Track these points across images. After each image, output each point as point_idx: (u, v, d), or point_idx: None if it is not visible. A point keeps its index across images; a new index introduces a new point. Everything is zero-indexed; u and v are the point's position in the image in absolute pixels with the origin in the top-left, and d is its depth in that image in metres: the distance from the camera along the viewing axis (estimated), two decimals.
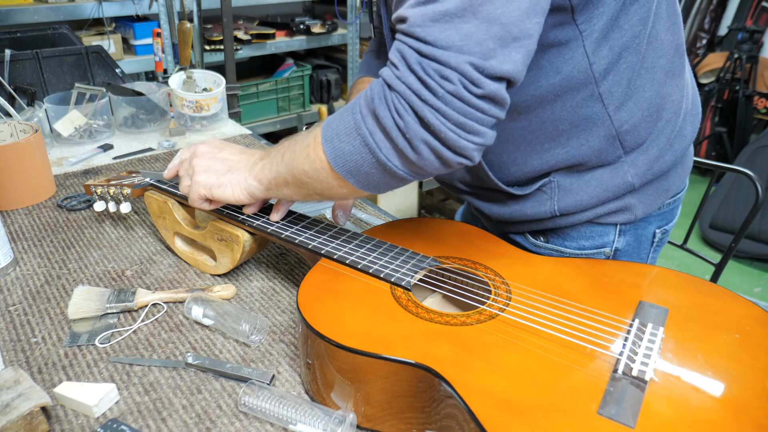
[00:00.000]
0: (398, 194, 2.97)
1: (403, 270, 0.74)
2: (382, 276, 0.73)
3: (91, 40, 2.40)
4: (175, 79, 1.58)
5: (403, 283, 0.71)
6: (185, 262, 0.98)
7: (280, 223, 0.86)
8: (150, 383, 0.72)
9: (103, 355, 0.77)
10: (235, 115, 1.85)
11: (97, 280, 0.93)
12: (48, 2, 2.35)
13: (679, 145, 0.81)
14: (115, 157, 1.40)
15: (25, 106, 1.48)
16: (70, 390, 0.69)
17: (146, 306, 0.86)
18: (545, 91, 0.73)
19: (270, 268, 0.97)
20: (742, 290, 2.62)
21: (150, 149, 1.45)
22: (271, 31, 3.05)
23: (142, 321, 0.83)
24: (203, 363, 0.74)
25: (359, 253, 0.77)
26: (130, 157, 1.41)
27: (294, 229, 0.84)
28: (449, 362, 0.59)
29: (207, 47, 2.65)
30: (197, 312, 0.81)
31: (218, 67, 1.86)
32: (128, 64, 2.55)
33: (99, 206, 1.03)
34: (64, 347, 0.78)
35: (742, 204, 2.77)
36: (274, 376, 0.73)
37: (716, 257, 1.35)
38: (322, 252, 0.78)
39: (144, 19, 2.63)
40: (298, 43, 3.17)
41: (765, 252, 2.72)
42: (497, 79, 0.59)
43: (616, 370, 0.58)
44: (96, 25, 2.53)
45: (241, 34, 2.90)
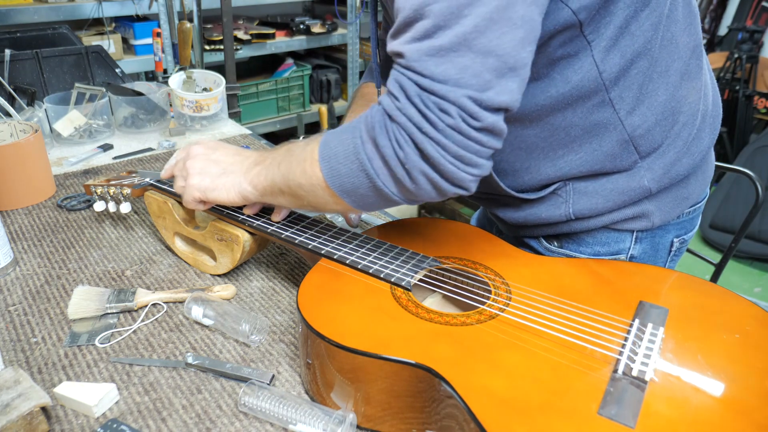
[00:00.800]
0: None
1: (403, 270, 0.74)
2: (382, 276, 0.73)
3: (91, 40, 2.40)
4: (175, 79, 1.58)
5: (403, 284, 0.71)
6: (185, 262, 0.98)
7: (280, 223, 0.86)
8: (150, 383, 0.72)
9: (103, 355, 0.77)
10: (235, 115, 1.85)
11: (97, 280, 0.93)
12: (48, 2, 2.35)
13: (697, 149, 0.80)
14: (115, 157, 1.40)
15: (25, 106, 1.48)
16: (70, 390, 0.69)
17: (146, 306, 0.86)
18: (556, 101, 0.73)
19: (270, 268, 0.97)
20: (742, 290, 2.62)
21: (150, 149, 1.45)
22: (271, 31, 3.05)
23: (142, 321, 0.83)
24: (203, 363, 0.74)
25: (359, 253, 0.77)
26: (130, 157, 1.41)
27: (294, 229, 0.84)
28: (449, 362, 0.59)
29: (207, 47, 2.65)
30: (197, 312, 0.81)
31: (218, 67, 1.86)
32: (128, 64, 2.55)
33: (99, 206, 1.03)
34: (64, 347, 0.78)
35: (742, 204, 2.76)
36: (274, 376, 0.73)
37: (716, 257, 1.35)
38: (322, 252, 0.78)
39: (144, 19, 2.63)
40: (298, 43, 3.17)
41: (765, 252, 2.72)
42: (495, 110, 0.60)
43: (616, 370, 0.58)
44: (96, 25, 2.53)
45: (241, 34, 2.90)
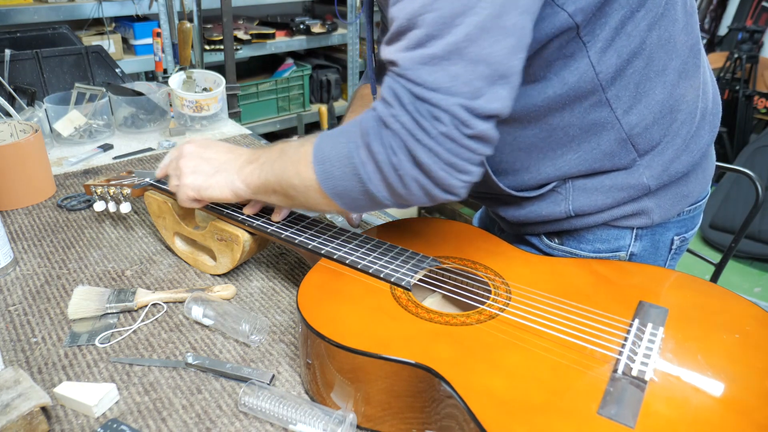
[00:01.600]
0: None
1: (403, 270, 0.74)
2: (381, 276, 0.73)
3: (91, 40, 2.40)
4: (175, 79, 1.58)
5: (403, 283, 0.71)
6: (185, 262, 0.98)
7: (280, 223, 0.86)
8: (150, 383, 0.72)
9: (103, 355, 0.77)
10: (235, 115, 1.85)
11: (97, 280, 0.93)
12: (48, 2, 2.35)
13: (697, 146, 0.80)
14: (115, 157, 1.40)
15: (25, 106, 1.48)
16: (70, 390, 0.69)
17: (146, 306, 0.86)
18: (553, 102, 0.73)
19: (270, 268, 0.97)
20: (742, 290, 2.62)
21: (150, 149, 1.46)
22: (271, 31, 3.05)
23: (142, 321, 0.83)
24: (203, 363, 0.74)
25: (359, 253, 0.77)
26: (130, 157, 1.41)
27: (294, 229, 0.84)
28: (449, 362, 0.59)
29: (207, 47, 2.65)
30: (197, 312, 0.81)
31: (218, 67, 1.86)
32: (128, 64, 2.55)
33: (99, 206, 1.03)
34: (64, 347, 0.78)
35: (742, 204, 2.77)
36: (274, 376, 0.73)
37: (716, 257, 1.35)
38: (322, 252, 0.78)
39: (144, 19, 2.63)
40: (298, 43, 3.17)
41: (765, 252, 2.72)
42: (486, 118, 0.61)
43: (616, 370, 0.58)
44: (96, 25, 2.53)
45: (241, 34, 2.90)
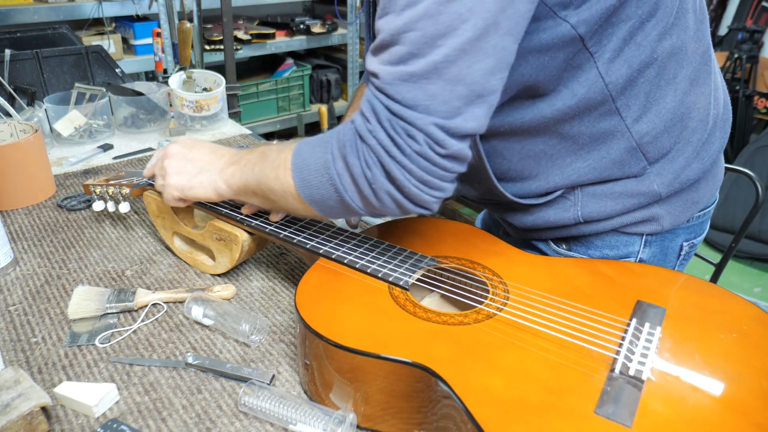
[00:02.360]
0: None
1: (401, 269, 0.74)
2: (379, 276, 0.73)
3: (91, 40, 2.40)
4: (175, 79, 1.59)
5: (401, 283, 0.72)
6: (184, 262, 0.98)
7: (279, 223, 0.86)
8: (150, 383, 0.72)
9: (103, 355, 0.77)
10: (235, 115, 1.86)
11: (97, 280, 0.93)
12: (48, 2, 2.35)
13: (708, 153, 0.80)
14: (115, 157, 1.40)
15: (25, 106, 1.48)
16: (70, 390, 0.69)
17: (146, 306, 0.86)
18: (562, 113, 0.73)
19: (270, 268, 0.97)
20: (742, 290, 2.62)
21: (150, 149, 1.46)
22: (271, 31, 3.05)
23: (142, 321, 0.83)
24: (203, 363, 0.74)
25: (357, 253, 0.78)
26: (130, 157, 1.41)
27: (292, 229, 0.84)
28: (447, 362, 0.59)
29: (207, 47, 2.65)
30: (197, 312, 0.82)
31: (218, 67, 1.86)
32: (128, 64, 2.56)
33: (98, 206, 1.03)
34: (64, 347, 0.78)
35: (742, 204, 2.77)
36: (274, 376, 0.73)
37: (716, 257, 1.35)
38: (320, 252, 0.78)
39: (144, 19, 2.64)
40: (298, 43, 3.17)
41: (765, 252, 2.72)
42: (461, 137, 0.62)
43: (613, 370, 0.58)
44: (96, 25, 2.53)
45: (241, 34, 2.90)
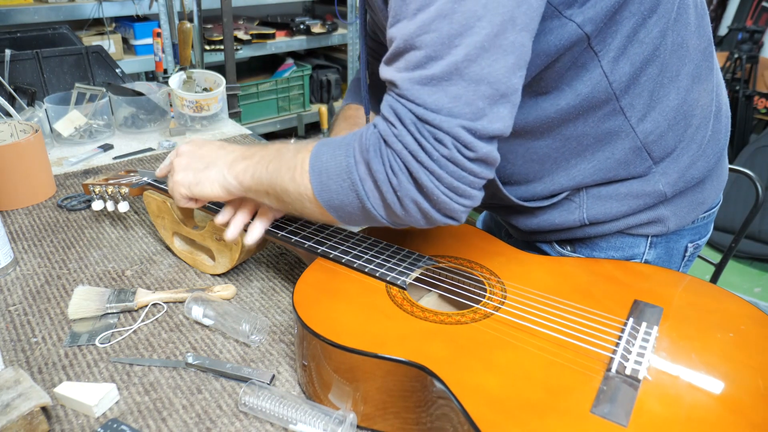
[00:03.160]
0: None
1: (399, 269, 0.74)
2: (377, 276, 0.73)
3: (91, 40, 2.41)
4: (175, 79, 1.59)
5: (398, 283, 0.72)
6: (184, 262, 0.98)
7: (277, 223, 0.86)
8: (150, 383, 0.73)
9: (103, 355, 0.77)
10: (235, 115, 1.86)
11: (97, 280, 0.93)
12: (48, 2, 2.35)
13: (712, 150, 0.80)
14: (115, 157, 1.41)
15: (25, 106, 1.48)
16: (70, 390, 0.69)
17: (146, 306, 0.86)
18: (566, 113, 0.72)
19: (270, 268, 0.97)
20: (742, 290, 2.62)
21: (150, 149, 1.46)
22: (271, 31, 3.05)
23: (142, 321, 0.84)
24: (203, 363, 0.75)
25: (355, 253, 0.78)
26: (130, 157, 1.41)
27: (290, 229, 0.85)
28: (443, 361, 0.59)
29: (207, 47, 2.66)
30: (197, 312, 0.82)
31: (218, 67, 1.86)
32: (128, 64, 2.56)
33: (97, 205, 1.04)
34: (64, 347, 0.79)
35: (742, 204, 2.77)
36: (274, 376, 0.74)
37: (716, 257, 1.35)
38: (318, 251, 0.79)
39: (144, 19, 2.64)
40: (298, 43, 3.17)
41: (765, 252, 2.72)
42: (489, 139, 0.60)
43: (609, 369, 0.58)
44: (96, 25, 2.54)
45: (241, 34, 2.91)
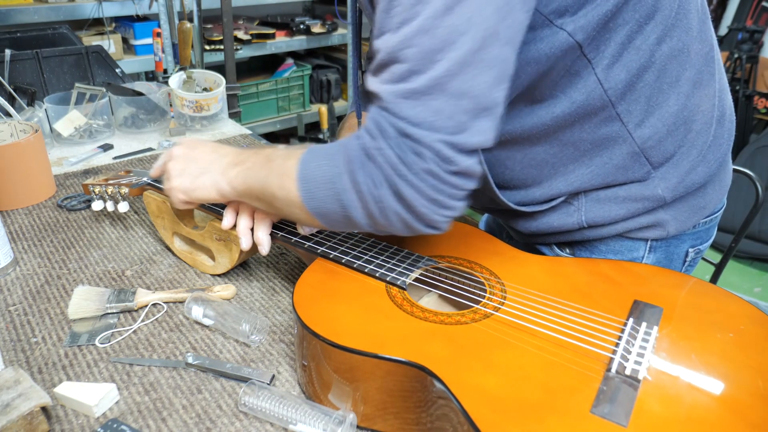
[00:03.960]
0: None
1: (399, 269, 0.74)
2: (377, 276, 0.73)
3: (91, 40, 2.41)
4: (175, 79, 1.59)
5: (398, 283, 0.72)
6: (184, 262, 0.98)
7: (277, 224, 0.86)
8: (150, 383, 0.73)
9: (103, 355, 0.77)
10: (235, 115, 1.86)
11: (97, 280, 0.93)
12: (48, 2, 2.35)
13: (714, 156, 0.79)
14: (115, 157, 1.41)
15: (25, 106, 1.48)
16: (70, 390, 0.69)
17: (146, 306, 0.86)
18: (562, 120, 0.72)
19: (270, 268, 0.98)
20: (742, 290, 2.62)
21: (150, 149, 1.46)
22: (271, 31, 3.05)
23: (142, 321, 0.84)
24: (203, 363, 0.75)
25: (355, 253, 0.78)
26: (130, 157, 1.41)
27: (290, 229, 0.85)
28: (443, 361, 0.59)
29: (207, 47, 2.66)
30: (197, 312, 0.82)
31: (218, 67, 1.86)
32: (128, 64, 2.56)
33: (97, 205, 1.04)
34: (64, 347, 0.79)
35: (742, 204, 2.77)
36: (274, 376, 0.74)
37: (716, 257, 1.35)
38: (318, 252, 0.79)
39: (144, 19, 2.64)
40: (298, 43, 3.17)
41: (765, 252, 2.72)
42: (470, 152, 0.61)
43: (609, 369, 0.58)
44: (96, 25, 2.54)
45: (241, 34, 2.91)
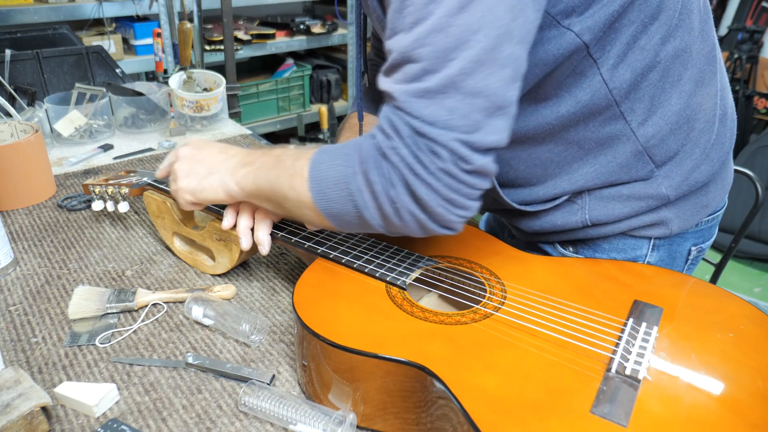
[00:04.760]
0: None
1: (399, 269, 0.74)
2: (377, 276, 0.73)
3: (91, 40, 2.41)
4: (175, 79, 1.59)
5: (398, 283, 0.72)
6: (184, 262, 0.98)
7: (277, 224, 0.86)
8: (150, 383, 0.73)
9: (104, 355, 0.77)
10: (235, 115, 1.86)
11: (97, 280, 0.94)
12: (48, 2, 2.35)
13: (717, 155, 0.79)
14: (116, 157, 1.41)
15: (25, 106, 1.48)
16: (70, 390, 0.69)
17: (146, 306, 0.87)
18: (566, 119, 0.73)
19: (270, 268, 0.98)
20: (742, 290, 2.62)
21: (150, 149, 1.46)
22: (271, 31, 3.06)
23: (143, 321, 0.84)
24: (203, 363, 0.75)
25: (355, 253, 0.78)
26: (131, 157, 1.41)
27: (290, 229, 0.85)
28: (443, 361, 0.59)
29: (207, 47, 2.66)
30: (197, 312, 0.82)
31: (218, 67, 1.87)
32: (128, 64, 2.56)
33: (97, 206, 1.04)
34: (64, 347, 0.79)
35: (742, 204, 2.77)
36: (274, 376, 0.74)
37: (716, 257, 1.35)
38: (318, 252, 0.79)
39: (144, 19, 2.64)
40: (298, 43, 3.17)
41: (765, 252, 2.72)
42: (485, 151, 0.60)
43: (609, 369, 0.58)
44: (96, 25, 2.54)
45: (241, 34, 2.91)
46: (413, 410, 0.62)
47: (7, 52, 1.52)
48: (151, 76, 2.62)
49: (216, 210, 0.90)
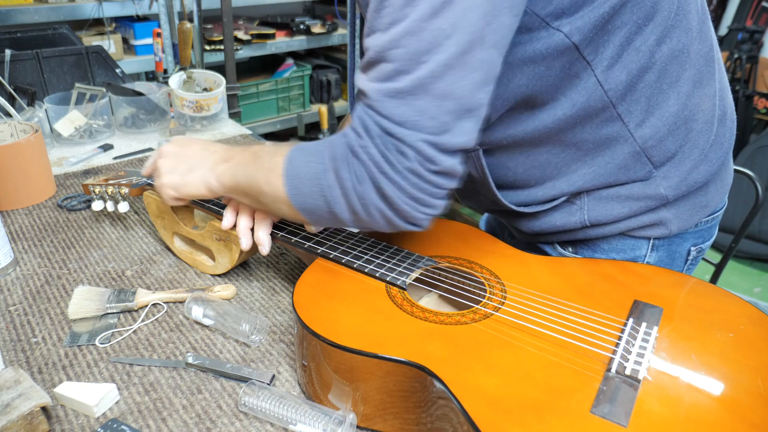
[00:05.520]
0: None
1: (399, 269, 0.74)
2: (377, 276, 0.73)
3: (91, 40, 2.41)
4: (175, 79, 1.59)
5: (398, 283, 0.72)
6: (184, 262, 0.98)
7: (277, 224, 0.86)
8: (150, 383, 0.73)
9: (104, 355, 0.77)
10: (235, 115, 1.86)
11: (97, 280, 0.94)
12: (48, 2, 2.35)
13: (716, 155, 0.79)
14: (116, 157, 1.41)
15: (25, 106, 1.48)
16: (70, 390, 0.69)
17: (146, 306, 0.87)
18: (564, 122, 0.73)
19: (270, 268, 0.98)
20: (742, 290, 2.63)
21: (150, 149, 1.46)
22: (271, 31, 3.05)
23: (142, 321, 0.84)
24: (203, 363, 0.75)
25: (355, 253, 0.78)
26: (131, 157, 1.41)
27: (289, 229, 0.85)
28: (443, 361, 0.59)
29: (207, 47, 2.65)
30: (197, 312, 0.82)
31: (218, 67, 1.87)
32: (128, 64, 2.56)
33: (97, 206, 1.04)
34: (64, 347, 0.79)
35: (742, 204, 2.77)
36: (274, 376, 0.74)
37: (716, 257, 1.35)
38: (318, 252, 0.79)
39: (144, 19, 2.64)
40: (298, 43, 3.17)
41: (765, 252, 2.72)
42: (452, 152, 0.62)
43: (609, 369, 0.58)
44: (96, 25, 2.54)
45: (241, 34, 2.90)
46: (413, 410, 0.62)
47: (7, 52, 1.52)
48: (151, 76, 2.62)
49: (216, 210, 0.90)
